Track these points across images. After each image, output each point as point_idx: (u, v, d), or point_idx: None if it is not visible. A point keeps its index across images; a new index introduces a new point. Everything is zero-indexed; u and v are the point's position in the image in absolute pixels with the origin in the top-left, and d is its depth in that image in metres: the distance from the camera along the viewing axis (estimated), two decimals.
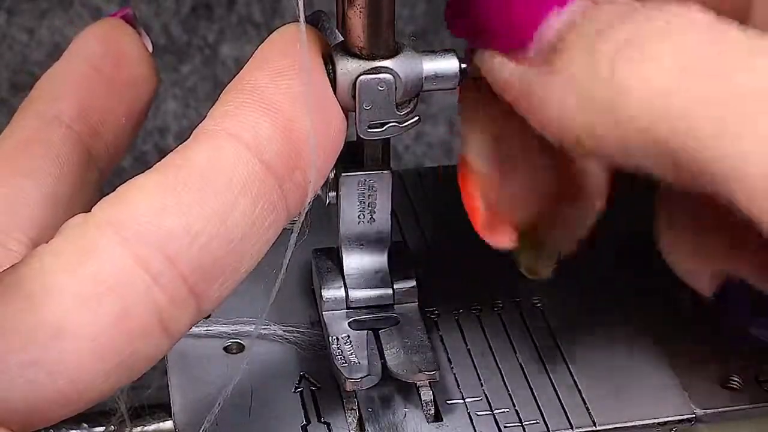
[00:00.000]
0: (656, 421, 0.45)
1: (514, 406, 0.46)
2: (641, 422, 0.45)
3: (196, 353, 0.48)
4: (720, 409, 0.46)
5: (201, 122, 0.40)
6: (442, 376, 0.46)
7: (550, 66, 0.39)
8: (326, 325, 0.47)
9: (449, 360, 0.48)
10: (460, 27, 0.42)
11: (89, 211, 0.37)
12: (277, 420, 0.45)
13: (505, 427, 0.45)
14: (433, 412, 0.45)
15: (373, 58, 0.42)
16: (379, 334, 0.47)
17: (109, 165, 0.45)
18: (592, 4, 0.39)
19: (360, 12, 0.42)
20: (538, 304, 0.50)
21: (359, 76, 0.42)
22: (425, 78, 0.43)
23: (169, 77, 0.84)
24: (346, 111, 0.42)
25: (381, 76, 0.42)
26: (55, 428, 0.54)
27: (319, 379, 0.47)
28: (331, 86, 0.43)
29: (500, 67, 0.41)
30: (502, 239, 0.46)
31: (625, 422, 0.45)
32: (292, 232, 0.44)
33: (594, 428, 0.45)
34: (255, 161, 0.38)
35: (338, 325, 0.47)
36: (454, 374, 0.47)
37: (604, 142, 0.39)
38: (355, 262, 0.47)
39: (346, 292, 0.47)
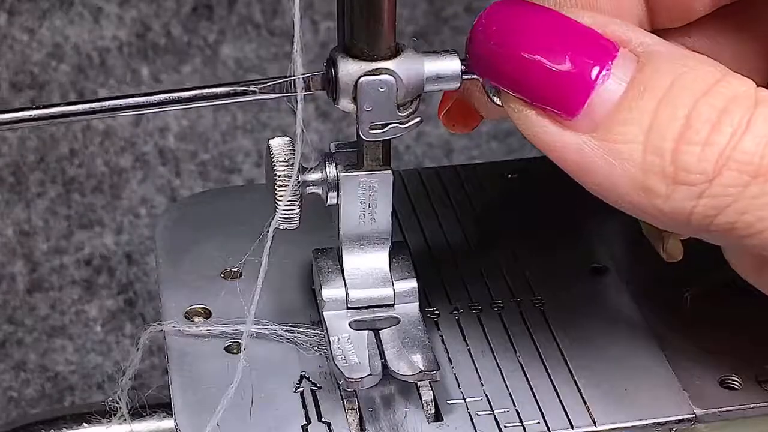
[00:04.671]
0: (656, 421, 0.45)
1: (515, 405, 0.46)
2: (641, 422, 0.45)
3: (196, 353, 0.48)
4: (720, 409, 0.46)
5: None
6: (442, 376, 0.46)
7: (599, 138, 0.39)
8: (327, 325, 0.47)
9: (449, 360, 0.48)
10: (488, 72, 0.42)
11: None
12: (277, 420, 0.45)
13: (505, 426, 0.45)
14: (433, 411, 0.45)
15: (374, 59, 0.42)
16: (379, 334, 0.47)
17: None
18: (637, 64, 0.40)
19: (360, 13, 0.42)
20: (538, 304, 0.50)
21: (360, 77, 0.42)
22: (426, 79, 0.43)
23: (170, 77, 0.84)
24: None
25: (382, 77, 0.42)
26: (56, 428, 0.54)
27: (319, 379, 0.47)
28: (332, 88, 0.43)
29: (539, 126, 0.41)
30: (459, 128, 0.47)
31: (625, 422, 0.45)
32: (269, 224, 0.44)
33: (594, 428, 0.45)
34: None
35: (339, 325, 0.47)
36: (454, 374, 0.47)
37: (655, 219, 0.40)
38: (355, 262, 0.47)
39: (347, 292, 0.47)
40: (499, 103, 0.43)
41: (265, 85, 0.43)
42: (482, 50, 0.41)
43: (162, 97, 0.43)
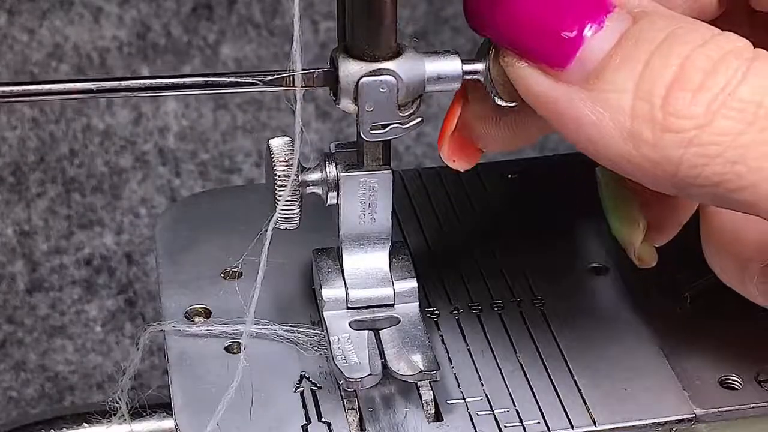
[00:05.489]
0: (656, 421, 0.45)
1: (515, 405, 0.46)
2: (641, 422, 0.45)
3: (196, 353, 0.48)
4: (720, 409, 0.46)
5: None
6: (442, 376, 0.46)
7: (590, 89, 0.39)
8: (327, 325, 0.47)
9: (449, 360, 0.48)
10: (482, 25, 0.42)
11: None
12: (278, 420, 0.45)
13: (505, 426, 0.45)
14: (433, 411, 0.45)
15: (375, 60, 0.42)
16: (379, 334, 0.47)
17: None
18: (632, 21, 0.39)
19: (361, 13, 0.42)
20: (538, 304, 0.50)
21: (361, 77, 0.42)
22: (428, 79, 0.43)
23: None
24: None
25: (383, 77, 0.42)
26: (56, 428, 0.54)
27: (319, 379, 0.47)
28: (334, 88, 0.43)
29: (532, 79, 0.40)
30: (460, 163, 0.46)
31: (625, 422, 0.45)
32: (268, 223, 0.44)
33: (594, 428, 0.45)
34: None
35: (339, 325, 0.47)
36: (454, 374, 0.47)
37: (643, 172, 0.39)
38: (355, 262, 0.47)
39: (347, 291, 0.47)
40: (501, 104, 0.43)
41: (267, 78, 0.43)
42: (477, 3, 0.41)
43: (164, 81, 0.43)
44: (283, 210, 0.45)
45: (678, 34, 0.38)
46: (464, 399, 0.46)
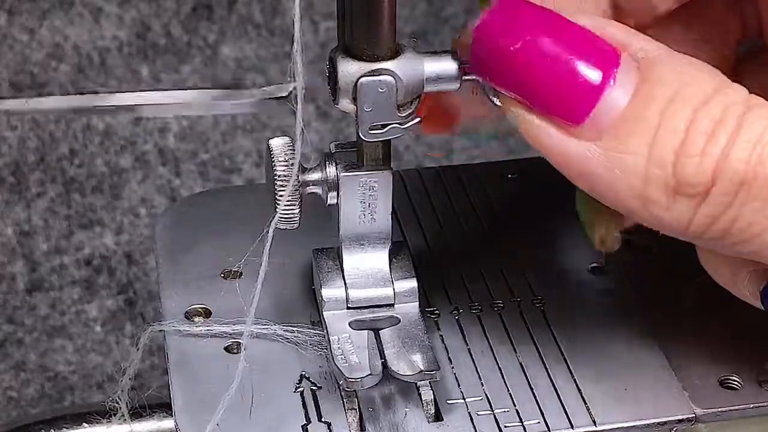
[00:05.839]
0: (656, 421, 0.45)
1: (515, 405, 0.46)
2: (641, 422, 0.45)
3: (197, 353, 0.48)
4: (720, 409, 0.46)
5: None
6: (442, 376, 0.46)
7: (603, 147, 0.40)
8: (327, 325, 0.47)
9: (449, 360, 0.48)
10: (488, 73, 0.42)
11: None
12: (278, 420, 0.45)
13: (505, 426, 0.45)
14: (433, 411, 0.45)
15: (374, 60, 0.42)
16: (379, 334, 0.47)
17: None
18: (638, 69, 0.40)
19: (360, 13, 0.42)
20: (538, 304, 0.50)
21: (360, 78, 0.42)
22: (426, 79, 0.43)
23: (170, 77, 0.84)
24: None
25: (382, 77, 0.42)
26: (56, 428, 0.54)
27: (319, 379, 0.47)
28: (333, 88, 0.43)
29: (541, 132, 0.41)
30: (434, 128, 0.47)
31: (625, 422, 0.45)
32: (269, 224, 0.44)
33: (594, 428, 0.45)
34: None
35: (339, 325, 0.47)
36: (454, 374, 0.47)
37: (654, 225, 0.40)
38: (355, 261, 0.47)
39: (347, 291, 0.47)
40: (499, 104, 0.43)
41: (268, 97, 0.43)
42: (485, 54, 0.41)
43: (167, 103, 0.43)
44: (283, 210, 0.45)
45: (684, 92, 0.39)
46: (464, 399, 0.46)
